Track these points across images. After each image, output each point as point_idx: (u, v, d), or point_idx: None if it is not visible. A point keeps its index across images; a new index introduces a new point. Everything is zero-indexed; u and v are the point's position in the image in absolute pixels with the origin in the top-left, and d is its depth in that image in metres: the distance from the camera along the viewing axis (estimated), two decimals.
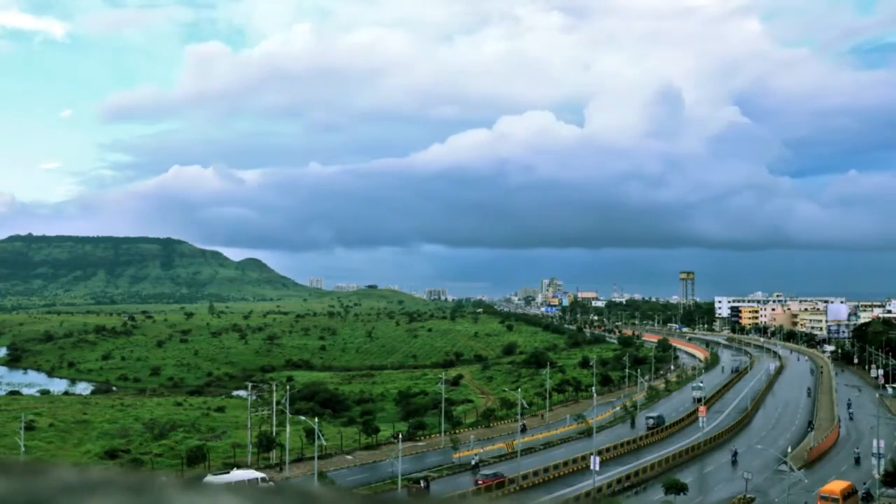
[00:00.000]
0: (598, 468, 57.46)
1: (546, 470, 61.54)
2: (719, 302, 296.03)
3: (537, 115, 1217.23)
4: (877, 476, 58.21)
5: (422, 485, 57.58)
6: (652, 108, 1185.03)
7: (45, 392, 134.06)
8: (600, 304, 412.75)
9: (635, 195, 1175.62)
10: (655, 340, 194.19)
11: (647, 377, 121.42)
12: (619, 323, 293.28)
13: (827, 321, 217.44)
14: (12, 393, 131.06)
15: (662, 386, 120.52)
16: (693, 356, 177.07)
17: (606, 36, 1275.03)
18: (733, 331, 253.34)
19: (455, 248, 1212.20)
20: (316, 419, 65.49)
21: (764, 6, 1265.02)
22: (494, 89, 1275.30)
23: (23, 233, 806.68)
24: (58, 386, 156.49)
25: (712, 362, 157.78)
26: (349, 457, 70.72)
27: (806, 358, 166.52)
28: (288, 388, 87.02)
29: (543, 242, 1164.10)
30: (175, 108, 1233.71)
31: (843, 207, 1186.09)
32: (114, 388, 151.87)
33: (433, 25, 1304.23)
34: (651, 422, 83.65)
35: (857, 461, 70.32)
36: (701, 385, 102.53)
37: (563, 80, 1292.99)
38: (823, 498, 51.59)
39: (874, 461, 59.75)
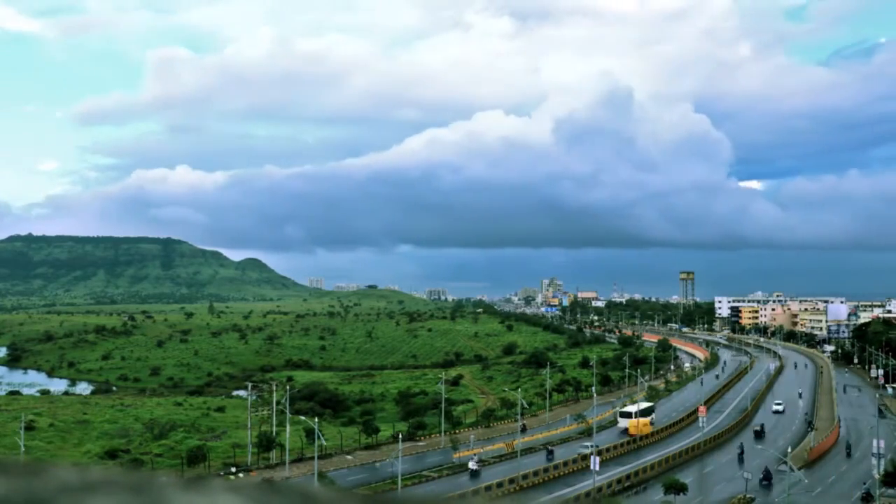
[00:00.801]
0: (598, 468, 57.48)
1: (546, 470, 61.56)
2: (719, 302, 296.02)
3: (490, 115, 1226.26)
4: (877, 476, 58.20)
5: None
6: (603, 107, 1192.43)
7: (45, 392, 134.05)
8: (600, 304, 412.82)
9: (570, 195, 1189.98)
10: (655, 340, 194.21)
11: (647, 377, 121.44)
12: (620, 323, 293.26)
13: (827, 321, 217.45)
14: (12, 393, 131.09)
15: (662, 386, 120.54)
16: (693, 356, 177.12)
17: (559, 39, 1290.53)
18: (733, 331, 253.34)
19: (425, 248, 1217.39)
20: (316, 419, 65.51)
21: (713, 9, 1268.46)
22: (452, 92, 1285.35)
23: (23, 233, 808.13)
24: (58, 386, 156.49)
25: (712, 362, 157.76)
26: (349, 457, 70.72)
27: (805, 364, 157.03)
28: (288, 388, 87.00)
29: (503, 243, 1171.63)
30: (144, 112, 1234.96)
31: (803, 209, 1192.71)
32: (114, 388, 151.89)
33: (393, 31, 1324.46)
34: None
35: (849, 453, 72.60)
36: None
37: (515, 83, 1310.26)
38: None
39: (874, 461, 59.73)
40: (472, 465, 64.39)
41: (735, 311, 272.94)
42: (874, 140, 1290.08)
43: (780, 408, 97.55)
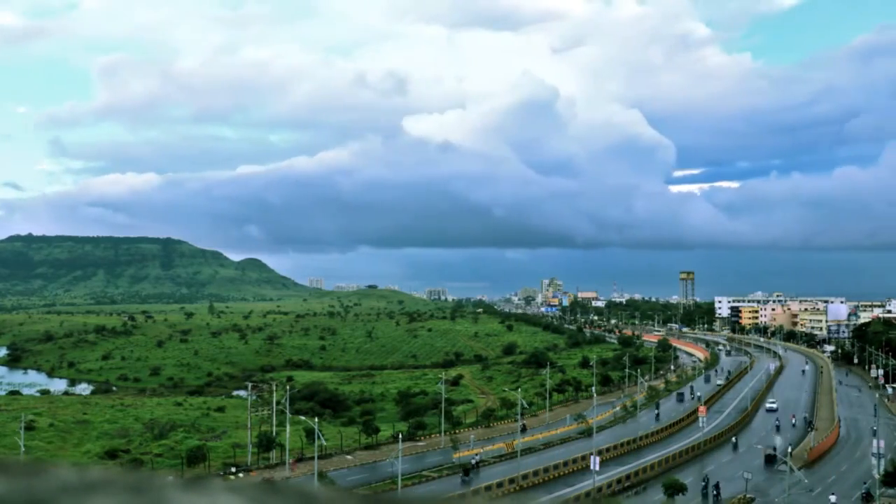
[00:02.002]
0: (598, 468, 57.48)
1: (546, 470, 61.56)
2: (719, 302, 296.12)
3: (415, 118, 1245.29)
4: (877, 476, 58.21)
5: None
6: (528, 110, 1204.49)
7: (45, 392, 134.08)
8: (600, 304, 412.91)
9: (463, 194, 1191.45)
10: (655, 340, 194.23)
11: (647, 377, 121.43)
12: (620, 323, 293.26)
13: (827, 321, 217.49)
14: (12, 393, 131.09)
15: (662, 386, 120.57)
16: (693, 356, 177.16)
17: (489, 45, 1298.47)
18: (733, 331, 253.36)
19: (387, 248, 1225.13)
20: (316, 419, 65.49)
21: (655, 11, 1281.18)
22: (386, 97, 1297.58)
23: (23, 233, 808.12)
24: (58, 386, 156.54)
25: (712, 362, 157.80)
26: (349, 457, 70.73)
27: (804, 368, 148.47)
28: (288, 388, 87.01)
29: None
30: (98, 117, 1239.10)
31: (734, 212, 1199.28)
32: (114, 388, 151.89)
33: (333, 41, 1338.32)
34: None
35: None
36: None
37: (449, 87, 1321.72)
38: None
39: (874, 461, 59.75)
40: (475, 459, 65.35)
41: (735, 311, 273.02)
42: (811, 143, 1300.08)
43: (773, 405, 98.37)
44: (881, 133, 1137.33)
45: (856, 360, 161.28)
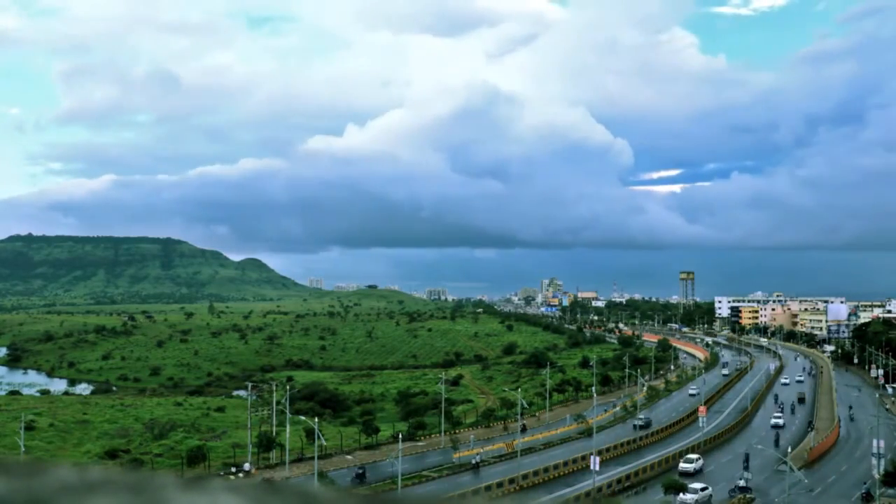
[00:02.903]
0: (598, 468, 57.48)
1: (546, 470, 61.56)
2: (719, 302, 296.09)
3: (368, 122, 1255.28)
4: (877, 476, 58.23)
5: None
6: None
7: (45, 392, 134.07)
8: (600, 304, 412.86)
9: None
10: (655, 340, 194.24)
11: (647, 377, 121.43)
12: (620, 323, 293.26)
13: (827, 321, 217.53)
14: (12, 393, 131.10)
15: (662, 386, 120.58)
16: (693, 356, 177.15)
17: (434, 49, 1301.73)
18: (733, 331, 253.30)
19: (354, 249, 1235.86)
20: (316, 419, 65.50)
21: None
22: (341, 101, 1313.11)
23: (23, 233, 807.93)
24: (58, 386, 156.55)
25: (712, 362, 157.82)
26: (349, 457, 70.74)
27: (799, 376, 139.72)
28: (288, 388, 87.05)
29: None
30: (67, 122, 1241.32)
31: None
32: (114, 388, 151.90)
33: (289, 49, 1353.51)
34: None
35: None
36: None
37: (386, 91, 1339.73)
38: None
39: (874, 461, 59.78)
40: (475, 460, 65.48)
41: (735, 311, 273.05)
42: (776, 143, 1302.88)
43: (779, 421, 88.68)
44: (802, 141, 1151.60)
45: (856, 360, 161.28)
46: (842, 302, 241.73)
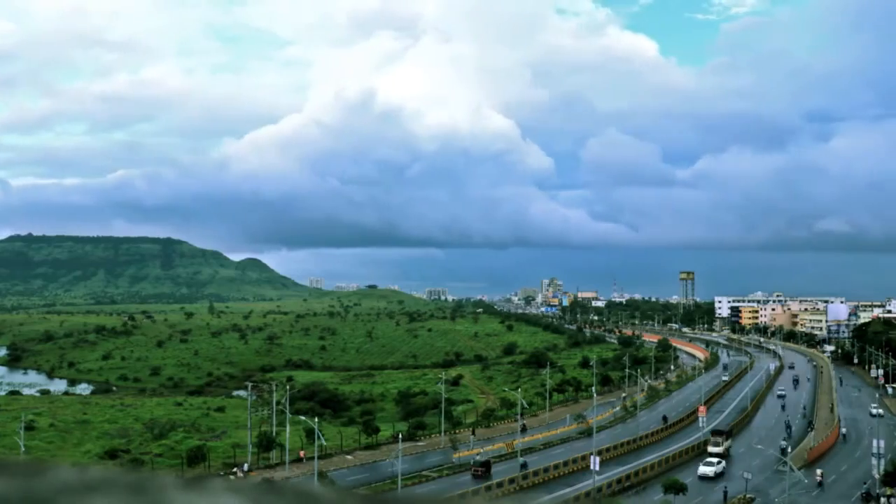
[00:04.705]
0: (598, 468, 57.49)
1: (546, 470, 61.57)
2: (719, 302, 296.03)
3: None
4: (877, 476, 58.26)
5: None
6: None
7: (45, 392, 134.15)
8: (600, 304, 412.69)
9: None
10: (655, 340, 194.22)
11: (647, 377, 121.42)
12: (619, 323, 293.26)
13: (827, 321, 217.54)
14: (12, 393, 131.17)
15: (662, 386, 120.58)
16: (693, 356, 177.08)
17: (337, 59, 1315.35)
18: (733, 331, 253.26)
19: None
20: (316, 419, 65.51)
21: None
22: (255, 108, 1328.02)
23: (23, 233, 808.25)
24: (58, 386, 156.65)
25: (712, 362, 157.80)
26: (349, 457, 70.75)
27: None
28: (288, 388, 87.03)
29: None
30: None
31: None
32: (114, 388, 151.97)
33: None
34: None
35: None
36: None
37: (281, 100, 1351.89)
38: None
39: (874, 461, 59.79)
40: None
41: (735, 311, 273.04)
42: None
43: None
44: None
45: (856, 360, 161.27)
46: (842, 302, 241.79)
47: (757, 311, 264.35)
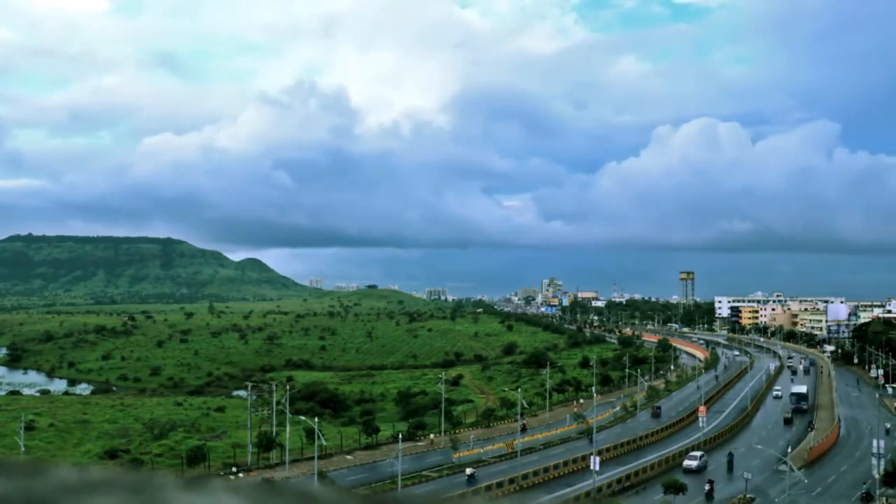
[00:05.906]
0: (598, 468, 57.48)
1: (546, 470, 61.56)
2: (719, 302, 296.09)
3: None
4: (877, 476, 58.23)
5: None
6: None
7: (45, 392, 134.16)
8: (600, 304, 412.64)
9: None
10: (655, 340, 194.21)
11: (647, 377, 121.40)
12: (619, 323, 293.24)
13: (827, 321, 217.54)
14: (12, 393, 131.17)
15: (662, 386, 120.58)
16: (693, 356, 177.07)
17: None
18: (733, 331, 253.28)
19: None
20: (316, 419, 65.49)
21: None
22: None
23: (23, 233, 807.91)
24: (58, 386, 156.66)
25: (712, 362, 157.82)
26: (349, 457, 70.74)
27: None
28: (288, 388, 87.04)
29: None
30: None
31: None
32: (114, 388, 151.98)
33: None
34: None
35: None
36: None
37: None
38: None
39: (874, 461, 59.76)
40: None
41: (735, 311, 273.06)
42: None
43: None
44: None
45: (856, 360, 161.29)
46: (842, 302, 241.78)
47: (757, 312, 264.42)
